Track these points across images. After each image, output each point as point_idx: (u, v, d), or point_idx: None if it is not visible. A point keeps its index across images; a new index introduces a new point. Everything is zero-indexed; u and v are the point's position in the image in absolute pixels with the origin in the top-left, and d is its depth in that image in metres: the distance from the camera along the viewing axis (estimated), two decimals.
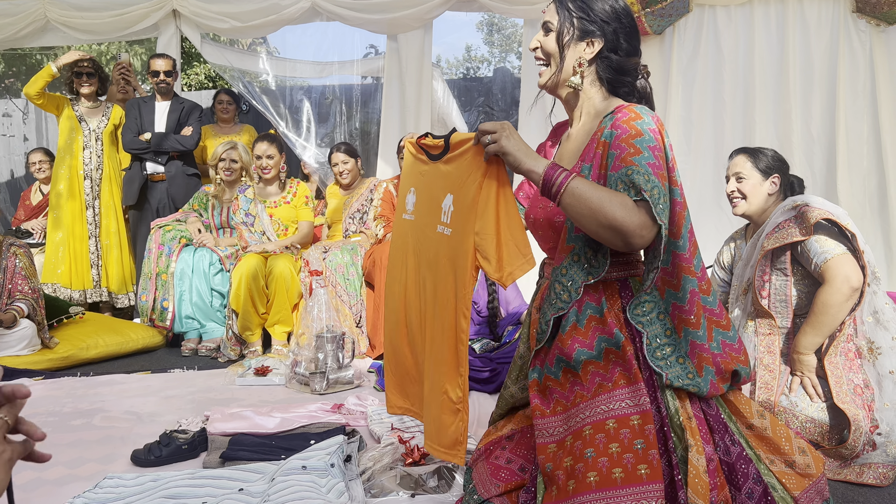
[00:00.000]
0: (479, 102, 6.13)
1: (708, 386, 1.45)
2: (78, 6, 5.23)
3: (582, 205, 1.40)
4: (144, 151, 4.46)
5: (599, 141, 1.50)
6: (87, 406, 2.89)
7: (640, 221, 1.37)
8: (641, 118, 1.46)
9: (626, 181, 1.40)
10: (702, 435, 1.42)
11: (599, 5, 1.58)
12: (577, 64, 1.58)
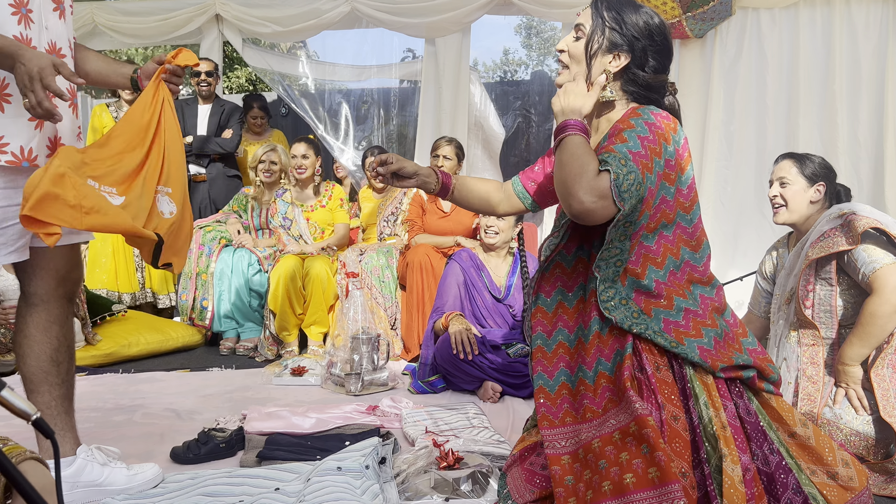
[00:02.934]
0: (517, 106, 6.11)
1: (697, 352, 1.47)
2: (125, 11, 5.37)
3: (560, 157, 1.48)
4: (187, 153, 4.55)
5: (601, 145, 1.54)
6: (128, 402, 2.96)
7: (586, 187, 1.40)
8: (639, 115, 1.50)
9: (601, 161, 1.44)
10: (737, 444, 1.39)
11: (634, 19, 1.57)
12: (602, 76, 1.59)
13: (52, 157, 1.72)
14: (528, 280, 3.26)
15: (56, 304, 1.94)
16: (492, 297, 3.29)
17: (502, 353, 3.05)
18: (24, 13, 1.74)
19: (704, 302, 1.56)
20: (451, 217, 4.04)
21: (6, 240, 1.77)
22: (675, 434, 1.40)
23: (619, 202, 1.39)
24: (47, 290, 1.92)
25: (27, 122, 1.73)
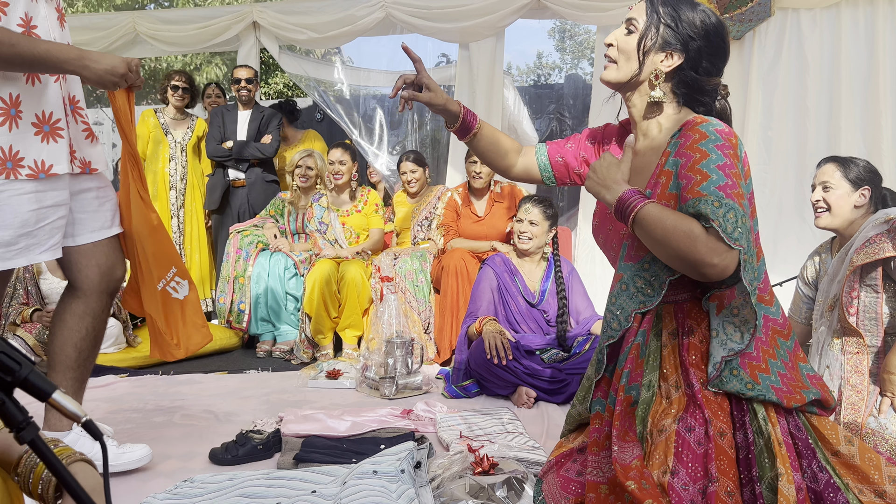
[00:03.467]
0: (551, 110, 6.09)
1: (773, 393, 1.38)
2: (165, 20, 5.49)
3: (651, 234, 1.37)
4: (227, 158, 4.64)
5: (663, 169, 1.45)
6: (168, 404, 3.02)
7: (706, 250, 1.31)
8: (706, 137, 1.39)
9: (695, 213, 1.34)
10: (791, 462, 1.35)
11: (690, 17, 1.49)
12: (652, 75, 1.51)
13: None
14: (563, 285, 3.25)
15: (96, 297, 2.10)
16: (526, 303, 3.28)
17: (536, 358, 3.04)
18: (28, 29, 1.86)
19: (767, 325, 1.46)
20: (485, 221, 4.04)
21: (39, 240, 1.90)
22: (721, 451, 1.35)
23: (734, 244, 1.30)
24: (90, 284, 2.08)
25: (34, 136, 1.87)
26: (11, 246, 1.85)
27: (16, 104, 1.84)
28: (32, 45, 1.76)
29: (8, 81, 1.83)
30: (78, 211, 2.06)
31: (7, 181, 1.83)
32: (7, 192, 1.83)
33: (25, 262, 1.90)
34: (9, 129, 1.83)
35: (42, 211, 1.89)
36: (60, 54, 1.79)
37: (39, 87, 1.90)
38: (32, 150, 1.87)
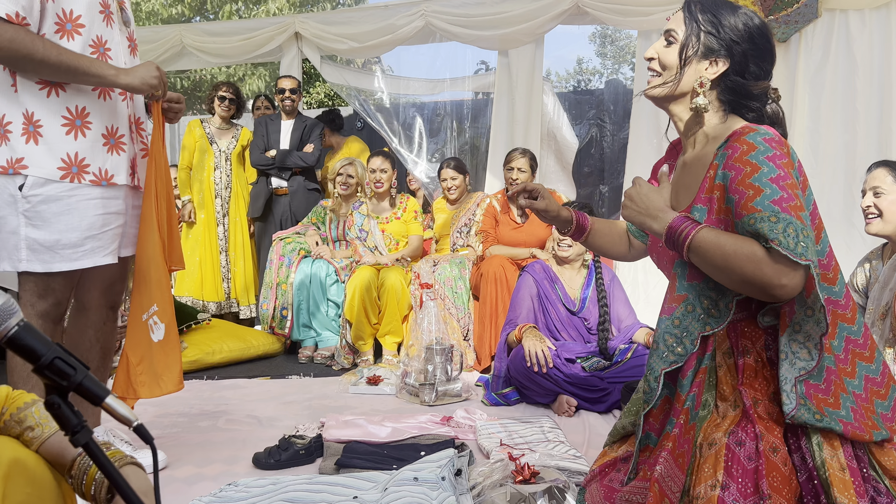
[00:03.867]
0: (591, 115, 6.05)
1: (840, 425, 1.31)
2: (211, 32, 5.63)
3: (710, 261, 1.32)
4: (270, 167, 4.72)
5: (714, 183, 1.41)
6: (212, 408, 3.08)
7: (773, 271, 1.25)
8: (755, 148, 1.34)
9: (752, 232, 1.29)
10: (856, 488, 1.28)
11: (732, 21, 1.45)
12: (697, 84, 1.46)
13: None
14: (604, 292, 3.22)
15: (96, 311, 2.22)
16: (566, 310, 3.26)
17: (577, 366, 3.02)
18: (103, 52, 2.00)
19: (848, 347, 1.39)
20: (524, 228, 4.03)
21: (103, 243, 2.02)
22: (773, 468, 1.30)
23: (801, 259, 1.24)
24: (91, 299, 2.20)
25: (101, 147, 2.00)
26: (79, 247, 1.96)
27: (82, 115, 1.96)
28: (77, 59, 1.87)
29: (78, 95, 1.95)
30: (131, 225, 2.18)
31: (73, 185, 1.94)
32: (76, 197, 1.95)
33: (91, 264, 1.99)
34: (74, 138, 1.95)
35: (107, 216, 2.01)
36: (97, 68, 1.91)
37: (109, 103, 2.03)
38: (98, 159, 1.99)
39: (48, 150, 1.92)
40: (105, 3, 2.01)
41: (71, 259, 1.95)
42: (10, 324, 0.89)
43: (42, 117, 1.92)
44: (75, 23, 1.93)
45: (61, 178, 1.92)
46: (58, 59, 1.84)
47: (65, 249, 1.94)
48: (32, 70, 1.87)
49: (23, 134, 1.91)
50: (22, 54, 1.80)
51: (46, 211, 1.92)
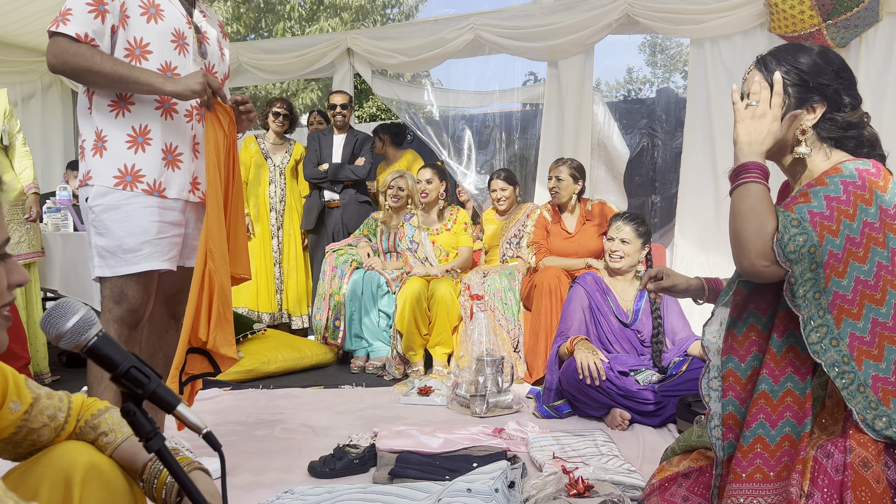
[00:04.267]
0: (642, 125, 5.98)
1: None
2: (266, 49, 5.79)
3: (738, 206, 1.39)
4: (322, 181, 4.83)
5: None
6: (268, 417, 3.15)
7: (758, 247, 1.33)
8: (838, 171, 1.37)
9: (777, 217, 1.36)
10: None
11: (814, 66, 1.45)
12: (798, 132, 1.46)
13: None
14: (657, 306, 3.18)
15: (159, 319, 2.36)
16: (618, 322, 3.23)
17: (630, 379, 2.98)
18: (170, 76, 2.11)
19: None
20: (575, 239, 4.01)
21: (160, 249, 2.13)
22: (862, 482, 1.27)
23: (784, 263, 1.31)
24: (155, 307, 2.30)
25: (159, 161, 2.12)
26: (136, 252, 2.08)
27: (144, 133, 2.10)
28: (129, 70, 2.01)
29: (142, 115, 2.10)
30: (195, 238, 2.28)
31: (126, 192, 2.08)
32: (132, 205, 2.08)
33: (149, 268, 2.10)
34: (134, 153, 2.09)
35: (162, 225, 2.13)
36: (146, 77, 2.02)
37: (171, 123, 2.15)
38: (153, 172, 2.11)
39: (109, 161, 2.08)
40: (179, 34, 2.15)
41: (131, 263, 2.08)
42: (89, 334, 0.94)
43: (109, 134, 2.08)
44: (144, 49, 2.08)
45: (115, 185, 2.07)
46: (112, 69, 1.97)
47: (126, 254, 2.08)
48: (92, 81, 2.02)
49: (92, 149, 2.09)
50: (83, 67, 1.96)
51: (108, 219, 2.07)
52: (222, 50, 2.37)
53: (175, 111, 2.16)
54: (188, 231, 2.26)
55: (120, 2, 2.04)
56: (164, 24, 2.11)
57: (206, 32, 2.28)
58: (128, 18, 2.06)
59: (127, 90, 2.05)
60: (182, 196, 2.18)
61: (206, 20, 2.30)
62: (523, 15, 5.00)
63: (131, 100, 2.09)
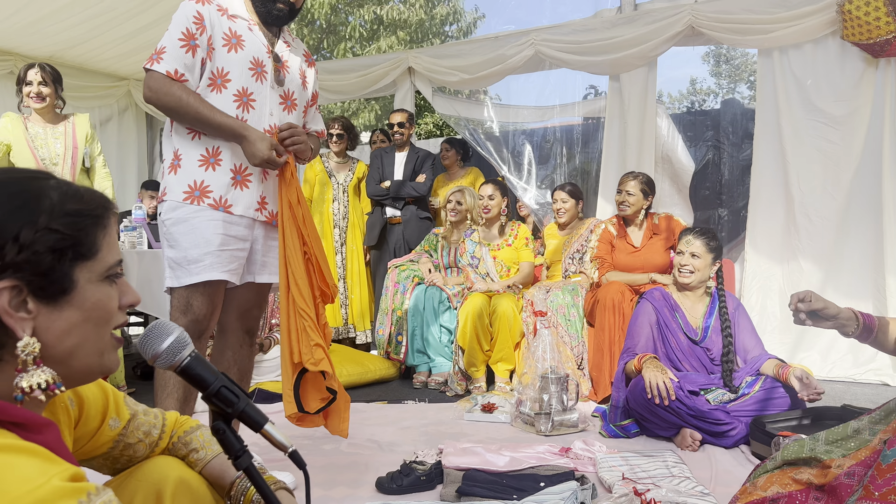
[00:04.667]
0: (708, 137, 5.85)
1: None
2: (329, 70, 5.93)
3: None
4: (385, 197, 4.90)
5: None
6: None
7: None
8: None
9: None
10: None
11: None
12: None
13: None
14: (728, 323, 3.09)
15: (233, 334, 2.42)
16: (687, 339, 3.15)
17: (701, 399, 2.90)
18: (245, 101, 2.23)
19: None
20: (641, 253, 3.94)
21: (221, 260, 2.21)
22: None
23: None
24: (228, 322, 2.40)
25: (228, 180, 2.22)
26: (199, 262, 2.17)
27: (215, 154, 2.22)
28: (211, 114, 2.12)
29: (216, 138, 2.21)
30: (264, 254, 2.36)
31: (193, 206, 2.18)
32: (198, 219, 2.18)
33: (209, 277, 2.18)
34: (204, 171, 2.20)
35: (226, 238, 2.21)
36: (228, 124, 2.14)
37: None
38: (220, 189, 2.21)
39: (181, 178, 2.19)
40: (258, 63, 2.24)
41: (193, 273, 2.17)
42: (183, 354, 0.98)
43: (184, 154, 2.21)
44: (224, 77, 2.19)
45: (184, 199, 2.17)
46: (196, 113, 2.11)
47: (190, 265, 2.17)
48: (179, 119, 2.17)
49: (169, 168, 2.23)
50: (172, 106, 2.11)
51: (176, 232, 2.18)
52: (305, 77, 2.44)
53: None
54: (256, 248, 2.33)
55: (208, 35, 2.16)
56: (244, 53, 2.21)
57: (288, 61, 2.35)
58: (213, 51, 2.17)
59: (207, 131, 2.18)
60: (248, 214, 2.26)
61: (290, 49, 2.38)
62: (584, 29, 4.99)
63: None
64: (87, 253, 0.86)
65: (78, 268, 0.85)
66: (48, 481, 0.69)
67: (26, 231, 0.80)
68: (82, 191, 0.88)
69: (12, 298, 0.80)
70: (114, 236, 0.90)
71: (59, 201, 0.84)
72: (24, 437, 0.74)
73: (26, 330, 0.81)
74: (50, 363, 0.83)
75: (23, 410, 0.77)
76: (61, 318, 0.84)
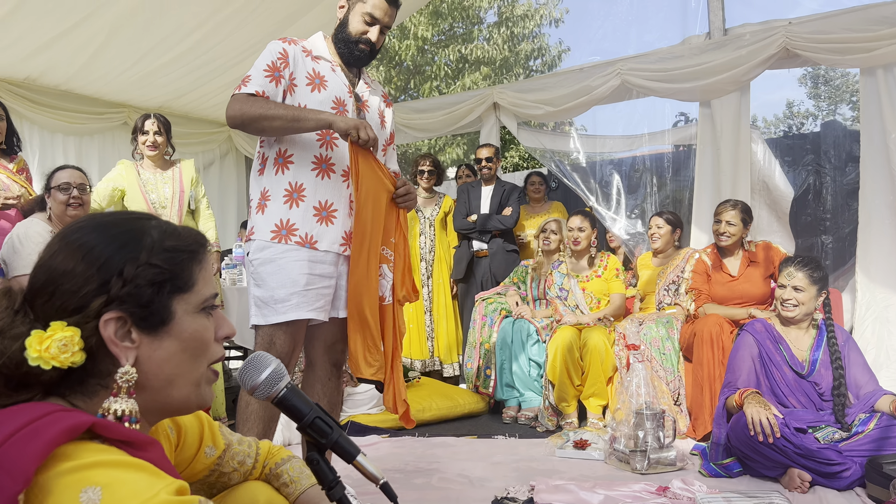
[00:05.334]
0: (808, 161, 5.59)
1: None
2: (417, 109, 6.08)
3: None
4: (471, 231, 4.94)
5: None
6: (425, 465, 3.19)
7: None
8: None
9: None
10: None
11: None
12: None
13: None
14: (838, 356, 2.90)
15: (321, 367, 2.47)
16: (793, 373, 2.98)
17: (809, 437, 2.73)
18: (329, 140, 2.31)
19: None
20: (738, 284, 3.78)
21: (307, 300, 2.26)
22: None
23: None
24: (316, 356, 2.46)
25: (312, 216, 2.28)
26: (285, 302, 2.23)
27: (298, 190, 2.28)
28: (298, 110, 2.21)
29: (299, 173, 2.28)
30: (342, 289, 2.40)
31: (280, 245, 2.25)
32: (285, 258, 2.24)
33: (295, 317, 2.24)
34: (289, 208, 2.27)
35: (311, 277, 2.26)
36: (313, 114, 2.20)
37: (327, 182, 2.32)
38: (306, 226, 2.27)
39: (268, 217, 2.27)
40: (340, 102, 2.34)
41: (280, 312, 2.23)
42: (280, 386, 1.02)
43: (271, 192, 2.28)
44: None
45: (271, 239, 2.24)
46: (284, 111, 2.18)
47: (277, 304, 2.23)
48: (268, 126, 2.20)
49: (257, 208, 2.31)
50: (258, 114, 2.17)
51: (264, 272, 2.25)
52: (383, 117, 2.53)
53: (332, 171, 2.32)
54: (341, 283, 2.37)
55: (290, 71, 2.27)
56: (326, 93, 2.31)
57: (367, 101, 2.45)
58: (295, 87, 2.28)
59: (298, 127, 2.21)
60: (333, 249, 2.30)
61: (370, 90, 2.48)
62: (671, 57, 4.91)
63: (290, 158, 2.28)
64: (184, 286, 0.93)
65: (176, 300, 0.92)
66: (157, 494, 0.74)
67: (129, 266, 0.88)
68: (180, 229, 0.96)
69: (118, 329, 0.87)
70: (209, 271, 0.96)
71: (159, 239, 0.92)
72: (131, 454, 0.79)
73: (129, 359, 0.88)
74: (149, 392, 0.90)
75: (130, 429, 0.83)
76: (161, 347, 0.90)
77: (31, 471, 0.71)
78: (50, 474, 0.73)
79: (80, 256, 0.87)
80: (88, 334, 0.86)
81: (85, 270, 0.87)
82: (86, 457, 0.75)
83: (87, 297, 0.86)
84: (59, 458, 0.74)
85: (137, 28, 4.49)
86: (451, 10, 12.67)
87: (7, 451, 0.72)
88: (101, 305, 0.86)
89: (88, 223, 0.92)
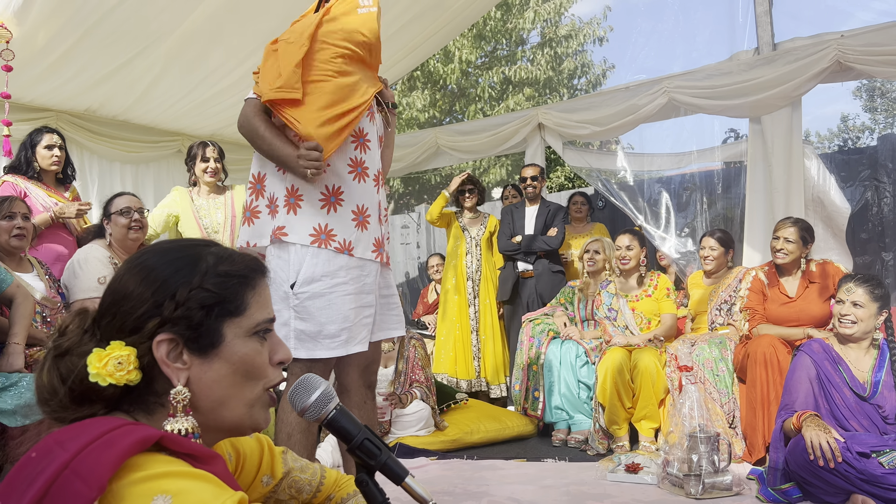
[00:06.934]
0: (864, 176, 5.43)
1: None
2: (462, 131, 6.13)
3: None
4: (516, 252, 4.93)
5: None
6: (474, 488, 3.17)
7: None
8: None
9: None
10: None
11: None
12: None
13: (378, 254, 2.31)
14: None
15: (356, 391, 2.45)
16: (854, 395, 2.87)
17: (873, 461, 2.62)
18: (363, 142, 2.31)
19: None
20: (796, 304, 3.66)
21: (354, 334, 2.26)
22: None
23: None
24: (350, 381, 2.44)
25: (350, 221, 2.25)
26: (336, 338, 2.21)
27: (336, 193, 2.26)
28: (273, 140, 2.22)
29: (334, 176, 2.26)
30: (381, 312, 2.41)
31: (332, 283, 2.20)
32: (335, 294, 2.20)
33: (344, 353, 2.24)
34: (327, 212, 2.24)
35: (359, 309, 2.25)
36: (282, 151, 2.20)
37: (362, 186, 2.31)
38: (344, 231, 2.24)
39: (304, 219, 2.23)
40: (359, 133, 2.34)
41: (329, 348, 2.20)
42: (329, 407, 1.04)
43: (304, 193, 2.24)
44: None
45: (311, 243, 2.20)
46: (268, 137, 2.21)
47: (325, 339, 2.20)
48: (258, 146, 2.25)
49: (285, 206, 2.25)
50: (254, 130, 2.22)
51: (312, 306, 2.19)
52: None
53: (367, 175, 2.31)
54: (379, 302, 2.38)
55: None
56: None
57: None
58: None
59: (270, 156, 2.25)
60: (367, 256, 2.28)
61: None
62: (719, 73, 4.85)
63: (327, 161, 2.23)
64: (235, 310, 0.95)
65: (226, 323, 0.94)
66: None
67: (182, 290, 0.92)
68: (236, 255, 0.99)
69: (170, 350, 0.91)
70: (265, 295, 0.99)
71: (213, 264, 0.96)
72: (196, 467, 0.83)
73: (181, 379, 0.91)
74: (201, 413, 0.93)
75: (195, 443, 0.86)
76: (211, 369, 0.93)
77: (106, 479, 0.75)
78: (123, 483, 0.76)
79: (140, 279, 0.92)
80: (143, 354, 0.90)
81: (142, 293, 0.91)
82: (156, 467, 0.79)
83: (142, 318, 0.90)
84: (131, 468, 0.78)
85: (190, 59, 4.65)
86: (494, 33, 12.75)
87: (83, 460, 0.77)
88: (155, 326, 0.90)
89: (154, 248, 0.97)
